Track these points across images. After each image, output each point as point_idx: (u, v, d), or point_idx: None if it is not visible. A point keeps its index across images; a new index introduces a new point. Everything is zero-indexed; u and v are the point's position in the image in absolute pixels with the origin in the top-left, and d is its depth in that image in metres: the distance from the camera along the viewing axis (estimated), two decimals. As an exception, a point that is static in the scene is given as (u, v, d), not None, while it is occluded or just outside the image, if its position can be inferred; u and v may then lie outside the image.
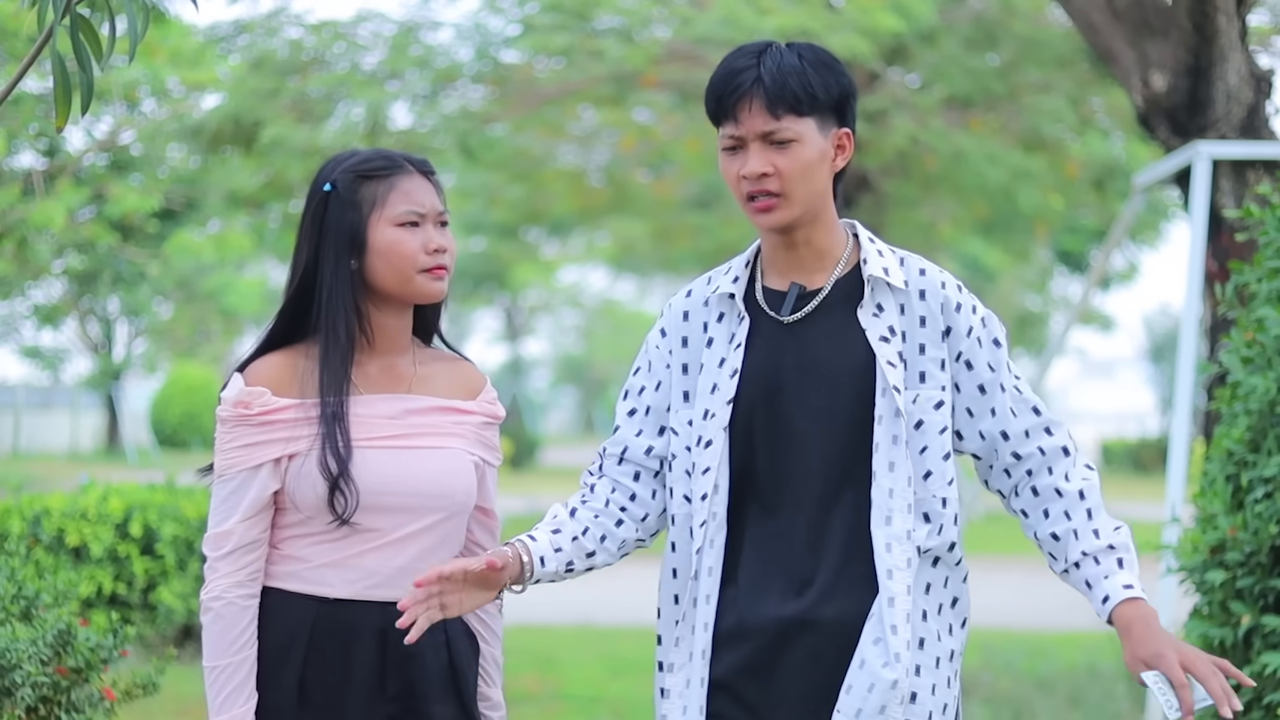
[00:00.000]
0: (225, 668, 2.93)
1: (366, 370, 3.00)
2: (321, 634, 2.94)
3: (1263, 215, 4.48)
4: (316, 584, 2.95)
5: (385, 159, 3.00)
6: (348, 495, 2.91)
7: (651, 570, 3.28)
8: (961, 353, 2.88)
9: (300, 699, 2.95)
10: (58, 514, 8.74)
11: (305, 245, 3.00)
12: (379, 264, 2.96)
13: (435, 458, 2.99)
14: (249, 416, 2.94)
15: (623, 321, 50.70)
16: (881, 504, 2.80)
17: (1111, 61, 7.50)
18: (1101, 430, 44.97)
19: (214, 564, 2.94)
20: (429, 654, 2.97)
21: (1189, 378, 6.77)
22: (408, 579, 2.91)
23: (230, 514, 2.94)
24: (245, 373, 2.98)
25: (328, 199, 2.98)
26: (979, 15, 13.90)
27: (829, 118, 2.84)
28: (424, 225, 2.98)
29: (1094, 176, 15.55)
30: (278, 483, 2.95)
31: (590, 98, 14.35)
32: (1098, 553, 2.83)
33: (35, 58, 2.92)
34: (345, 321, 2.96)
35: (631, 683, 8.94)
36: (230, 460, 2.96)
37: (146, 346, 38.35)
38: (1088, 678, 8.30)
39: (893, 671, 2.75)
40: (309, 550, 2.96)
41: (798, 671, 2.81)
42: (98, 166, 17.67)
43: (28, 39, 12.64)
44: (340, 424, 2.93)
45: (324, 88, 13.35)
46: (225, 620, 2.93)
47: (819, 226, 2.89)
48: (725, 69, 2.85)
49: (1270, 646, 4.11)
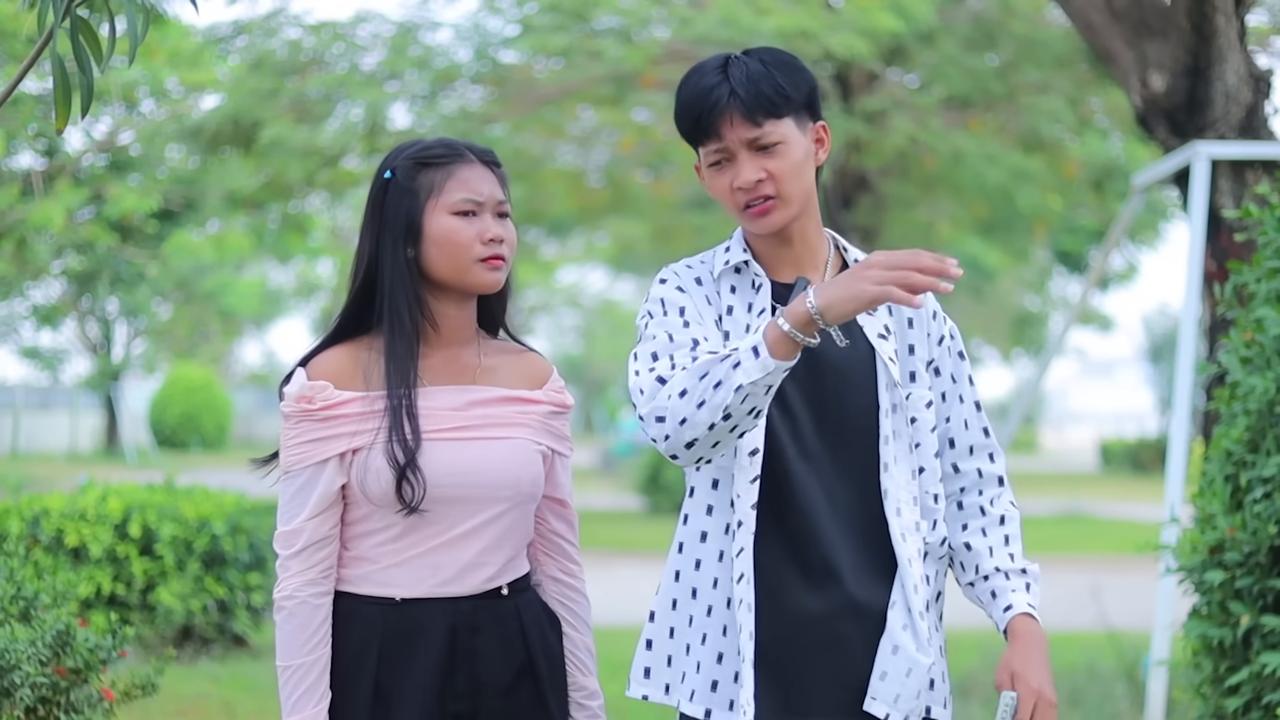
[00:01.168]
0: (299, 668, 2.89)
1: (431, 362, 2.97)
2: (392, 637, 2.91)
3: (1261, 215, 4.48)
4: (385, 586, 2.91)
5: (446, 146, 2.97)
6: (415, 484, 2.86)
7: (649, 571, 3.28)
8: (933, 359, 2.96)
9: (375, 704, 2.91)
10: (57, 514, 8.74)
11: (367, 234, 2.97)
12: (434, 252, 2.93)
13: (500, 447, 2.96)
14: (312, 411, 2.90)
15: (622, 322, 50.70)
16: (893, 494, 2.86)
17: (1110, 62, 7.50)
18: (1100, 430, 44.99)
19: (285, 562, 2.90)
20: (498, 649, 2.94)
21: (1188, 378, 6.77)
22: (474, 575, 2.91)
23: (299, 511, 2.90)
24: (308, 367, 2.95)
25: (387, 186, 2.96)
26: (978, 15, 13.90)
27: (804, 114, 2.88)
28: (481, 214, 2.95)
29: (1093, 177, 15.55)
30: (344, 477, 2.91)
31: (589, 98, 14.35)
32: (1010, 571, 2.94)
33: (35, 59, 2.92)
34: (409, 312, 2.92)
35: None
36: (296, 456, 2.91)
37: (145, 347, 38.39)
38: (1087, 678, 8.29)
39: (928, 656, 2.82)
40: (377, 550, 2.92)
41: (822, 658, 2.83)
42: (97, 167, 17.68)
43: (28, 40, 12.65)
44: (409, 415, 2.89)
45: (323, 88, 13.36)
46: (299, 619, 2.89)
47: (810, 221, 2.93)
48: (693, 89, 2.86)
49: (1269, 646, 4.11)
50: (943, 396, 2.97)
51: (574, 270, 41.03)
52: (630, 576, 15.89)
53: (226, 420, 37.76)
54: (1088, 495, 26.07)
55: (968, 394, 3.00)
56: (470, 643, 2.91)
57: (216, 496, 9.28)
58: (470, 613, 2.93)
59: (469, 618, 2.92)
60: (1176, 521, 5.06)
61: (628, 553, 17.24)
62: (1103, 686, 7.99)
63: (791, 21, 11.85)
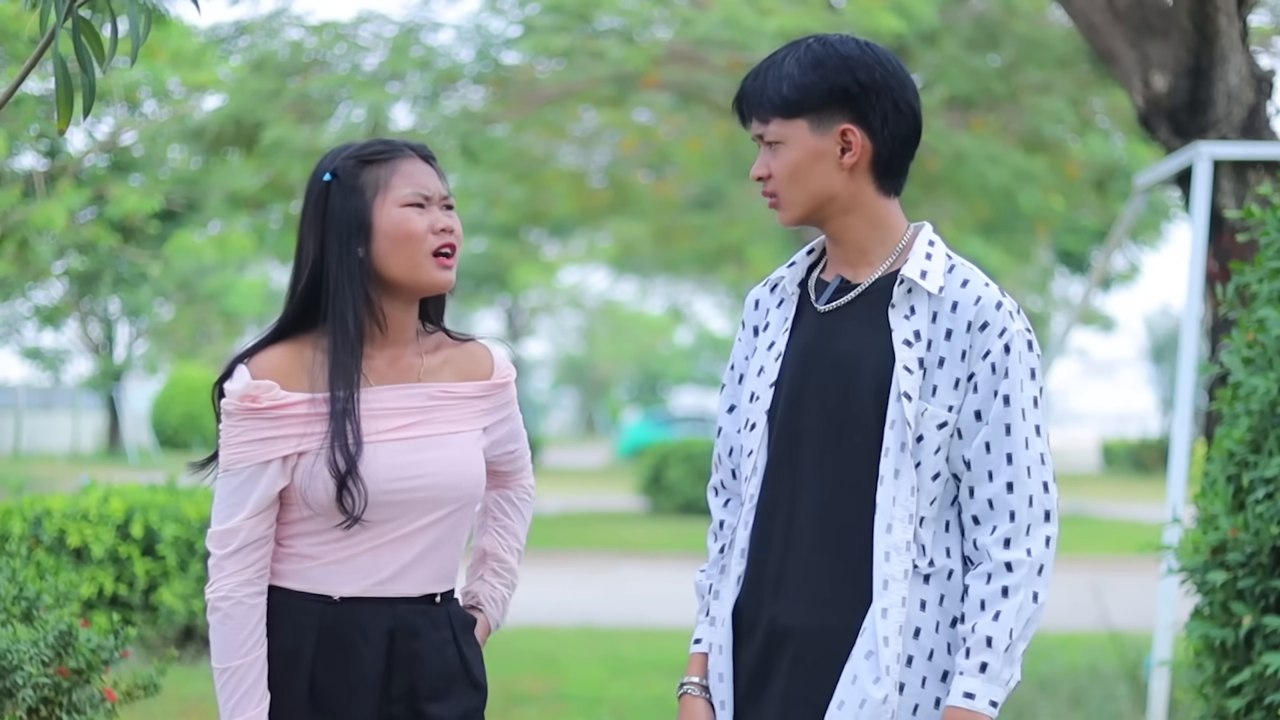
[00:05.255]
0: (237, 669, 2.87)
1: (375, 363, 2.94)
2: (329, 635, 2.89)
3: (1264, 216, 4.48)
4: (324, 583, 2.90)
5: (384, 144, 2.95)
6: (355, 494, 2.85)
7: (650, 571, 3.29)
8: (974, 374, 2.77)
9: (311, 703, 2.90)
10: (59, 515, 8.74)
11: (309, 238, 2.93)
12: (387, 246, 2.90)
13: (445, 450, 2.95)
14: (257, 410, 2.86)
15: (624, 322, 50.71)
16: (885, 510, 2.75)
17: (1112, 62, 7.50)
18: (1102, 431, 44.98)
19: (220, 562, 2.86)
20: (435, 653, 2.94)
21: (1190, 378, 6.77)
22: (416, 574, 2.90)
23: (236, 510, 2.86)
24: (250, 364, 2.90)
25: (329, 188, 2.92)
26: (980, 16, 13.89)
27: (827, 115, 2.79)
28: (429, 207, 2.93)
29: (1095, 177, 15.55)
30: (286, 479, 2.88)
31: (591, 99, 14.36)
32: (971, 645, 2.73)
33: (37, 59, 2.92)
34: (354, 312, 2.89)
35: (633, 683, 8.94)
36: (237, 455, 2.87)
37: (147, 347, 38.36)
38: (1089, 678, 8.29)
39: (882, 688, 2.71)
40: (316, 548, 2.90)
41: (785, 678, 2.79)
42: (99, 168, 17.68)
43: (29, 41, 12.64)
44: (351, 420, 2.86)
45: (325, 89, 13.36)
46: (235, 620, 2.86)
47: (854, 221, 2.84)
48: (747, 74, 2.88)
49: (1271, 647, 4.11)
50: (977, 415, 2.76)
51: (576, 271, 41.03)
52: (631, 577, 15.89)
53: (228, 421, 37.70)
54: (1090, 496, 26.07)
55: (1000, 417, 2.75)
56: (409, 646, 2.91)
57: (218, 497, 9.27)
58: (409, 617, 2.92)
59: (407, 622, 2.92)
60: (1178, 522, 5.05)
61: (629, 553, 17.23)
62: (1105, 687, 7.99)
63: (794, 22, 11.84)
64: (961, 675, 2.71)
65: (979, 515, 2.77)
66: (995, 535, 2.74)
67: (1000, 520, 2.75)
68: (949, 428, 2.77)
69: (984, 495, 2.76)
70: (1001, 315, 2.78)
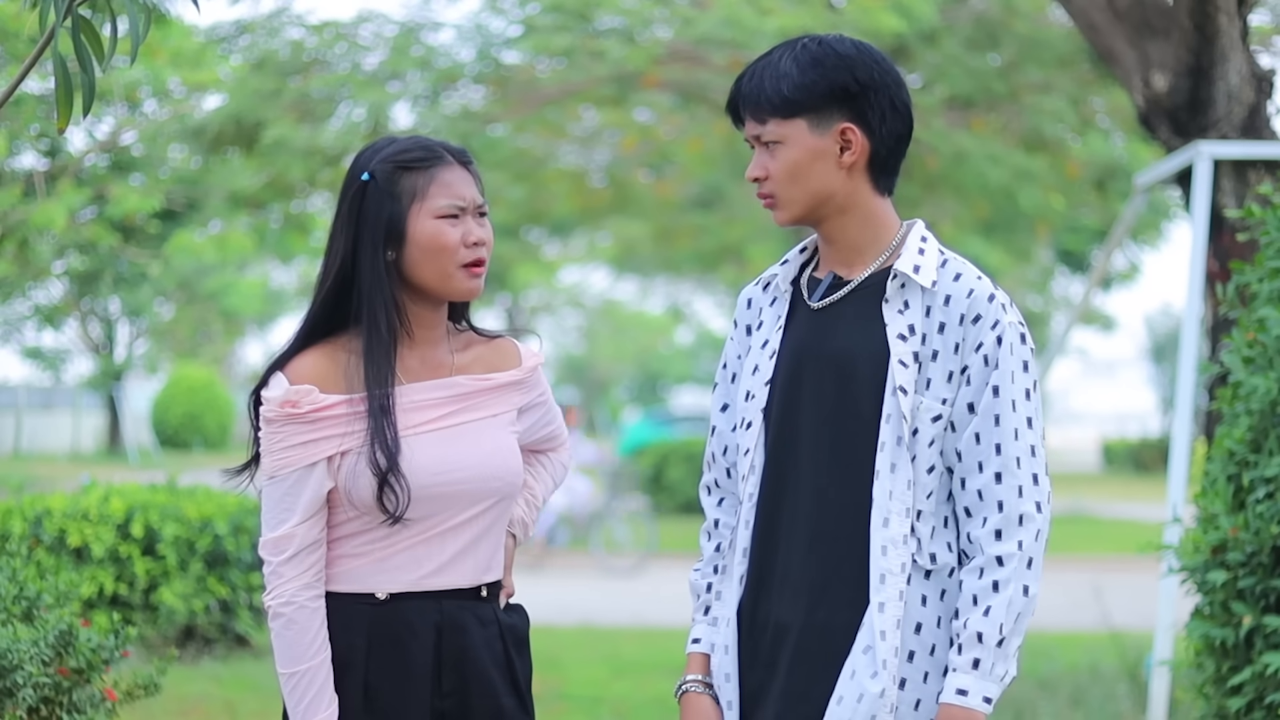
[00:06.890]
0: (305, 673, 2.86)
1: (408, 363, 2.96)
2: (379, 635, 2.90)
3: (1264, 215, 4.48)
4: (370, 582, 2.91)
5: (425, 149, 2.94)
6: (398, 491, 2.86)
7: (649, 573, 3.29)
8: (967, 366, 2.77)
9: (366, 705, 2.90)
10: (59, 514, 8.74)
11: (342, 235, 2.93)
12: (418, 256, 2.90)
13: (483, 442, 2.96)
14: (298, 415, 2.87)
15: (624, 322, 50.69)
16: (882, 504, 2.75)
17: (1113, 62, 7.50)
18: (1103, 430, 44.95)
19: (278, 569, 2.87)
20: (483, 647, 2.95)
21: (1190, 378, 6.77)
22: (461, 565, 2.92)
23: (288, 516, 2.88)
24: (287, 370, 2.91)
25: (365, 189, 2.92)
26: (980, 15, 13.88)
27: (826, 114, 2.79)
28: (464, 218, 2.93)
29: (1095, 176, 15.54)
30: (332, 480, 2.89)
31: (591, 98, 14.35)
32: (962, 640, 2.73)
33: (37, 59, 2.92)
34: (386, 314, 2.90)
35: (633, 683, 8.94)
36: (282, 460, 2.88)
37: (148, 347, 38.37)
38: (1089, 678, 8.29)
39: (879, 682, 2.71)
40: (362, 547, 2.91)
41: (784, 674, 2.79)
42: (99, 167, 17.66)
43: (29, 40, 12.63)
44: (388, 417, 2.88)
45: (325, 88, 13.36)
46: (299, 624, 2.86)
47: (850, 220, 2.84)
48: (741, 73, 2.86)
49: (1272, 646, 4.11)
50: (970, 408, 2.76)
51: (576, 270, 41.00)
52: (631, 578, 15.89)
53: (229, 420, 37.77)
54: (1090, 495, 26.05)
55: (989, 409, 2.75)
56: (457, 641, 2.92)
57: (219, 497, 9.28)
58: (455, 612, 2.93)
59: (454, 617, 2.93)
60: (1179, 521, 5.05)
61: (630, 553, 17.23)
62: (1105, 687, 7.99)
63: (794, 21, 11.83)
64: (955, 672, 2.71)
65: (970, 507, 2.77)
66: (986, 527, 2.74)
67: (990, 511, 2.75)
68: (943, 421, 2.78)
69: (974, 486, 2.76)
70: (994, 308, 2.79)
